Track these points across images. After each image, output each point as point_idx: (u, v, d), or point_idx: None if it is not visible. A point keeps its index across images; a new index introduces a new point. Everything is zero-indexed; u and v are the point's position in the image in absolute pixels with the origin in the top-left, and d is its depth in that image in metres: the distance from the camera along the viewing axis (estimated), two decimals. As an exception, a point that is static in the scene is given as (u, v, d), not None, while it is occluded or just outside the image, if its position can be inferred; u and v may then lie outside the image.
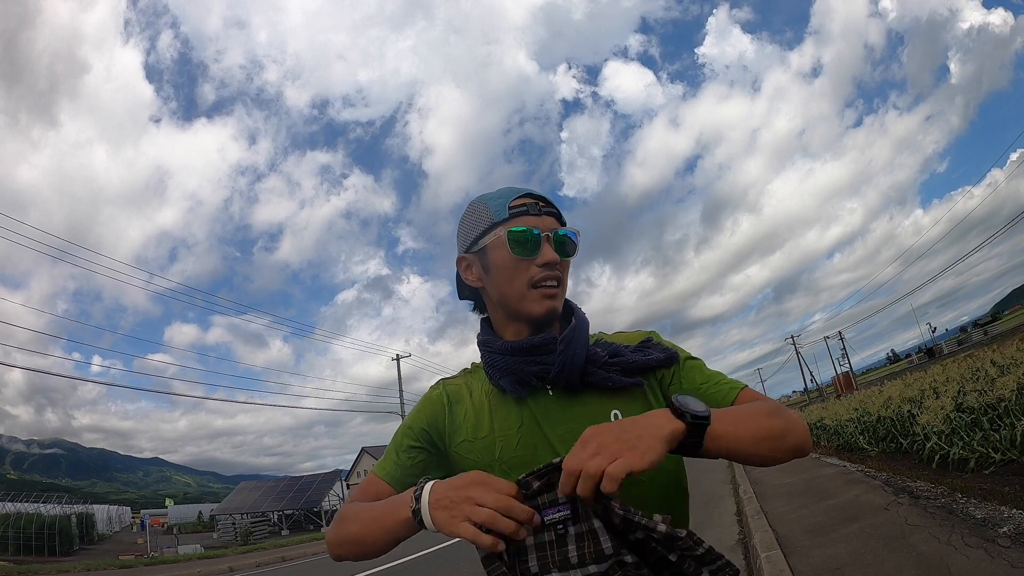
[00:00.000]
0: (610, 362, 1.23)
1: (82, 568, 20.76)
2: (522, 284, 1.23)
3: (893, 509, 5.79)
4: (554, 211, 1.29)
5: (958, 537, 4.33)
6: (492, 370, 1.28)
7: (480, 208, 1.30)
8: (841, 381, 54.09)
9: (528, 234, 1.22)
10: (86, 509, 36.53)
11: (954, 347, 59.40)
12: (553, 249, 1.23)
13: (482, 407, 1.28)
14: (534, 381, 1.23)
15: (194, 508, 58.69)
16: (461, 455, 1.25)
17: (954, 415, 7.71)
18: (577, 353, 1.21)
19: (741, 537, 7.31)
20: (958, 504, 5.38)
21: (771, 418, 1.06)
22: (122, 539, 37.11)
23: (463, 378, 1.37)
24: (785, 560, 4.96)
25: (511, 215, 1.24)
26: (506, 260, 1.24)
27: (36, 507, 32.15)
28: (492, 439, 1.23)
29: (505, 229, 1.23)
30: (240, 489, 46.04)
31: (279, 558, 19.62)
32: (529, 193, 1.28)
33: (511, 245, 1.22)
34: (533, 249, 1.22)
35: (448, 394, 1.33)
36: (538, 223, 1.24)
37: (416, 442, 1.30)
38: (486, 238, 1.27)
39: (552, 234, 1.24)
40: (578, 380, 1.21)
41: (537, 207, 1.26)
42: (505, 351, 1.25)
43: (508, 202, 1.26)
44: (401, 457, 1.29)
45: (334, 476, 45.13)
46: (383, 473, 1.28)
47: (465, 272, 1.35)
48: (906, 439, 9.55)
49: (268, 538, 32.76)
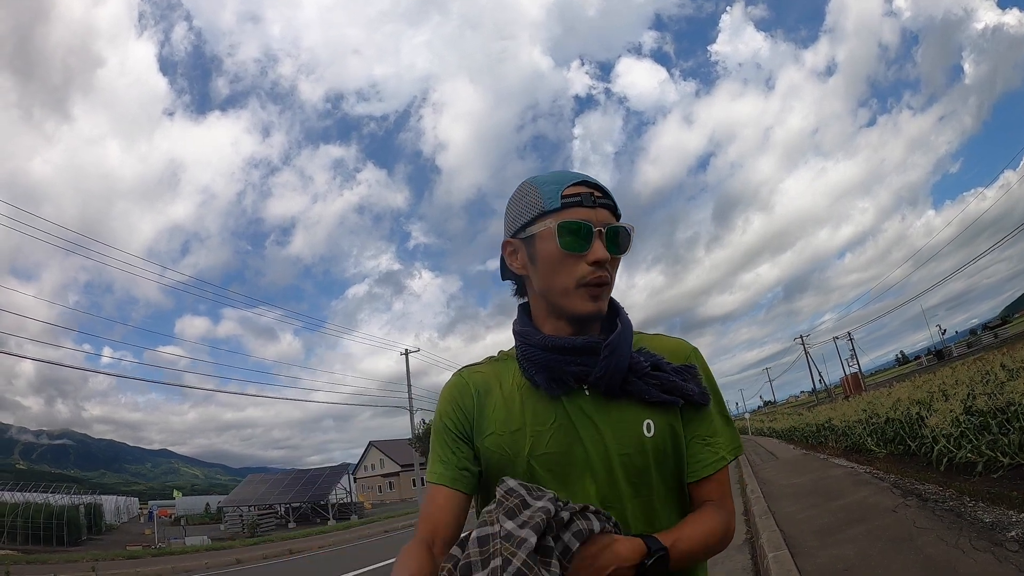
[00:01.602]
0: (651, 374, 1.19)
1: (90, 558, 20.86)
2: (569, 281, 1.17)
3: (901, 511, 5.80)
4: (610, 203, 1.20)
5: (966, 540, 4.34)
6: (527, 363, 1.23)
7: (530, 192, 1.22)
8: (850, 382, 53.79)
9: (580, 228, 1.15)
10: (94, 500, 36.61)
11: (964, 350, 58.94)
12: (605, 246, 1.16)
13: (513, 399, 1.23)
14: (571, 382, 1.19)
15: (202, 500, 58.87)
16: (489, 448, 1.20)
17: (963, 418, 7.71)
18: (621, 360, 1.17)
19: (748, 537, 7.33)
20: (966, 508, 5.39)
21: (714, 544, 1.17)
22: (130, 530, 37.28)
23: (490, 367, 1.31)
24: (792, 560, 4.98)
25: (563, 205, 1.16)
26: (554, 254, 1.17)
27: (44, 497, 32.23)
28: (523, 433, 1.18)
29: (556, 221, 1.16)
30: (248, 481, 46.21)
31: (286, 551, 19.70)
32: (584, 180, 1.20)
33: (561, 239, 1.15)
34: (584, 245, 1.15)
35: (475, 384, 1.27)
36: (591, 216, 1.16)
37: (454, 434, 1.25)
38: (535, 226, 1.19)
39: (605, 229, 1.17)
40: (619, 387, 1.18)
41: (592, 198, 1.18)
42: (545, 347, 1.20)
43: (561, 189, 1.18)
44: (447, 455, 1.24)
45: (342, 470, 45.17)
46: (435, 478, 1.22)
47: (510, 257, 1.28)
48: (914, 441, 9.53)
49: (275, 530, 32.87)
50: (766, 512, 7.76)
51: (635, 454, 1.17)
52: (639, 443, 1.17)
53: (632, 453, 1.16)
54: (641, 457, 1.17)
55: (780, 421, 37.04)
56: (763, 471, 14.16)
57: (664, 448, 1.19)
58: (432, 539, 1.14)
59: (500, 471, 1.18)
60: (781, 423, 34.64)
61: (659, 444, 1.18)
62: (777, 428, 33.95)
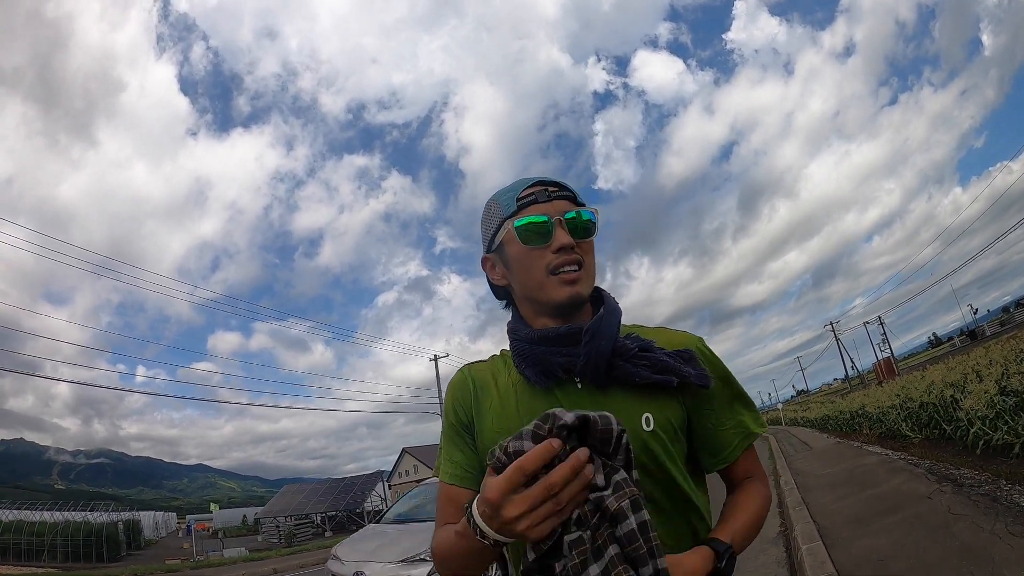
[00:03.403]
0: (638, 355, 1.18)
1: (129, 573, 21.27)
2: (540, 273, 1.21)
3: (936, 498, 5.70)
4: (567, 194, 1.26)
5: (1002, 526, 4.27)
6: (518, 359, 1.26)
7: (492, 206, 1.30)
8: (882, 367, 52.96)
9: (536, 222, 1.20)
10: (132, 516, 37.28)
11: (997, 328, 57.81)
12: (567, 232, 1.20)
13: (508, 397, 1.25)
14: (560, 373, 1.20)
15: (239, 512, 59.70)
16: (487, 446, 1.21)
17: (998, 399, 7.53)
18: (603, 344, 1.17)
19: (782, 529, 7.25)
20: (1002, 492, 5.29)
21: (762, 519, 1.25)
22: (168, 544, 37.87)
23: (490, 364, 1.35)
24: (826, 552, 4.93)
25: (519, 207, 1.23)
26: (520, 252, 1.22)
27: (83, 515, 32.84)
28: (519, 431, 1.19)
29: (512, 222, 1.22)
30: (284, 492, 46.70)
31: (323, 559, 19.82)
32: (539, 180, 1.26)
33: (520, 236, 1.21)
34: (544, 237, 1.20)
35: (474, 379, 1.31)
36: (547, 209, 1.21)
37: (460, 432, 1.28)
38: (500, 234, 1.26)
39: (562, 217, 1.21)
40: (604, 374, 1.18)
41: (546, 193, 1.23)
42: (531, 340, 1.23)
43: (517, 194, 1.24)
44: (454, 454, 1.27)
45: (376, 477, 45.54)
46: (444, 476, 1.27)
47: (491, 272, 1.34)
48: (950, 425, 9.34)
49: (311, 539, 33.20)
50: (800, 503, 7.69)
51: (635, 450, 1.12)
52: (637, 439, 1.13)
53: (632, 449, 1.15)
54: (641, 450, 1.14)
55: (813, 410, 36.50)
56: (796, 461, 14.01)
57: (664, 443, 1.17)
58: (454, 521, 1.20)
59: None
60: (814, 412, 34.13)
61: (658, 439, 1.17)
62: (810, 417, 33.47)
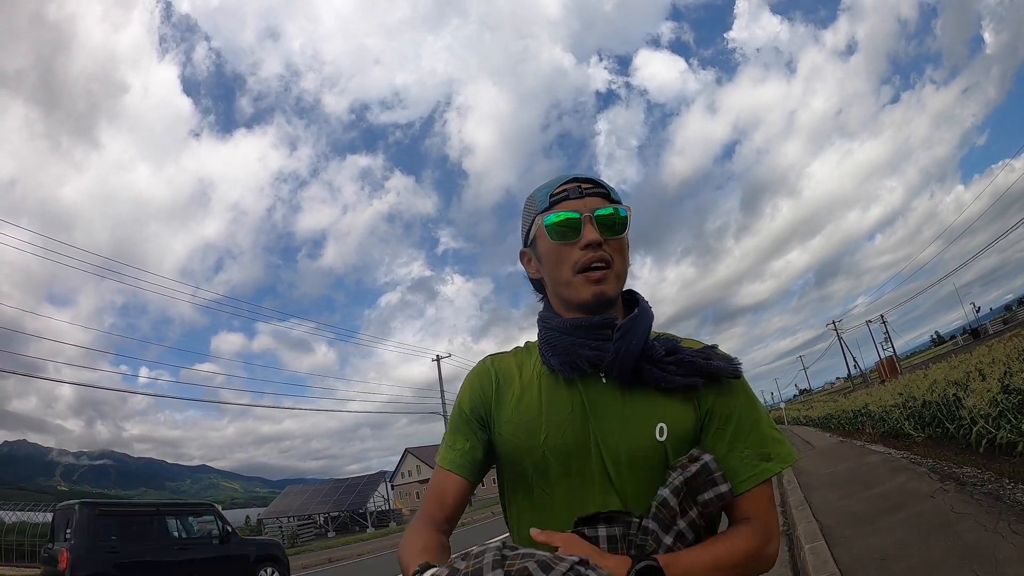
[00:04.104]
0: (666, 359, 1.17)
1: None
2: (567, 270, 1.21)
3: (939, 497, 5.70)
4: (601, 191, 1.25)
5: (1005, 524, 4.26)
6: (545, 347, 1.25)
7: (529, 201, 1.31)
8: (885, 366, 53.03)
9: (565, 219, 1.20)
10: (137, 517, 37.33)
11: (999, 326, 57.67)
12: (596, 230, 1.19)
13: (531, 387, 1.24)
14: (586, 366, 1.18)
15: (242, 513, 59.80)
16: (504, 436, 1.22)
17: (1001, 397, 7.51)
18: (634, 343, 1.16)
19: (785, 528, 7.24)
20: (1005, 490, 5.28)
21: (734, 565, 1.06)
22: (173, 545, 37.93)
23: (514, 356, 1.34)
24: (829, 551, 4.93)
25: (551, 203, 1.23)
26: (550, 248, 1.23)
27: (88, 517, 32.89)
28: (539, 423, 1.19)
29: (544, 218, 1.22)
30: (286, 493, 46.84)
31: (326, 559, 19.93)
32: (575, 177, 1.26)
33: (549, 232, 1.21)
34: (574, 233, 1.19)
35: (497, 370, 1.30)
36: (579, 206, 1.21)
37: (469, 422, 1.28)
38: (533, 229, 1.27)
39: (592, 214, 1.20)
40: (631, 373, 1.17)
41: (579, 190, 1.23)
42: (563, 328, 1.22)
43: (551, 190, 1.25)
44: (457, 441, 1.27)
45: (379, 477, 45.61)
46: (444, 461, 1.27)
47: (527, 266, 1.35)
48: (952, 423, 9.33)
49: (314, 540, 33.25)
50: (802, 502, 7.68)
51: (645, 457, 1.14)
52: (648, 446, 1.14)
53: (642, 456, 1.14)
54: (653, 459, 1.14)
55: (816, 409, 36.50)
56: (800, 460, 14.00)
57: (675, 453, 1.14)
58: (436, 518, 1.22)
59: (516, 459, 1.21)
60: (817, 411, 34.14)
61: (670, 449, 1.14)
62: (813, 416, 33.48)
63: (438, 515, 1.23)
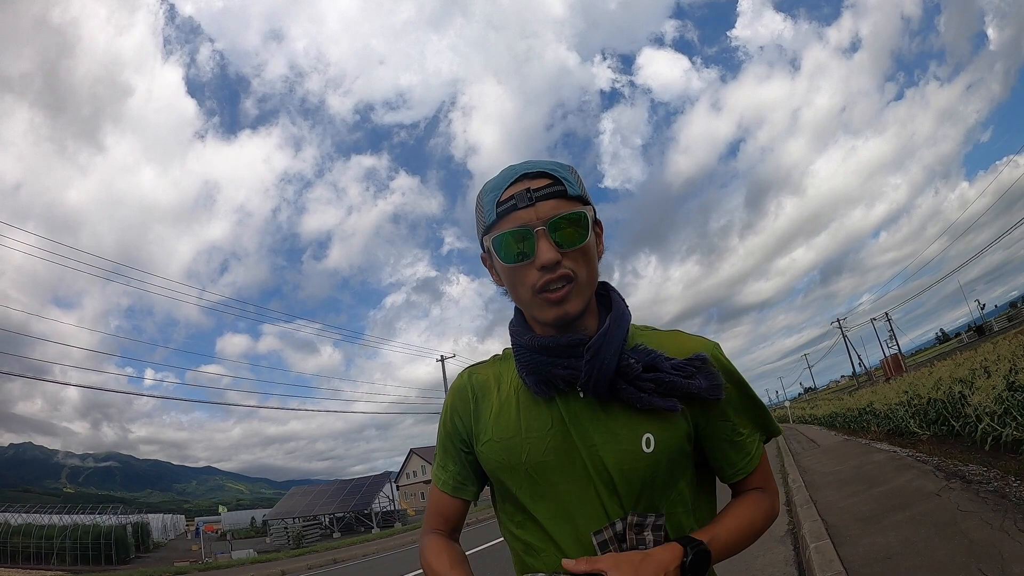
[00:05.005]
0: (643, 376, 1.09)
1: (138, 575, 21.37)
2: (525, 291, 1.09)
3: (944, 495, 5.67)
4: (556, 188, 1.08)
5: (1011, 522, 4.24)
6: (519, 364, 1.17)
7: (477, 206, 1.17)
8: (890, 364, 52.79)
9: (515, 236, 1.06)
10: (141, 519, 37.32)
11: (1005, 323, 57.53)
12: (552, 246, 1.05)
13: (509, 404, 1.18)
14: (561, 384, 1.12)
15: (247, 514, 59.85)
16: (486, 455, 1.18)
17: (1006, 394, 7.48)
18: (606, 363, 1.07)
19: (790, 527, 7.22)
20: (1011, 488, 5.25)
21: (757, 530, 1.19)
22: (177, 546, 37.99)
23: (492, 367, 1.26)
24: (835, 550, 4.91)
25: (499, 215, 1.08)
26: (503, 269, 1.11)
27: (92, 518, 32.91)
28: (519, 440, 1.13)
29: (492, 236, 1.09)
30: (292, 494, 46.79)
31: (331, 560, 19.91)
32: (524, 174, 1.09)
33: (501, 254, 1.08)
34: (527, 253, 1.06)
35: (474, 386, 1.24)
36: (529, 217, 1.05)
37: (455, 442, 1.24)
38: (485, 240, 1.14)
39: (547, 226, 1.05)
40: (607, 391, 1.09)
41: (528, 195, 1.06)
42: (531, 348, 1.13)
43: (499, 195, 1.09)
44: (448, 463, 1.26)
45: (384, 478, 45.54)
46: (439, 483, 1.27)
47: (491, 272, 1.22)
48: (958, 421, 9.29)
49: (319, 541, 33.26)
50: (808, 501, 7.66)
51: (634, 470, 1.09)
52: (636, 460, 1.09)
53: (630, 469, 1.09)
54: (644, 471, 1.09)
55: (821, 407, 36.38)
56: (804, 459, 13.96)
57: (667, 465, 1.11)
58: (443, 530, 1.29)
59: (500, 478, 1.19)
60: (822, 409, 34.03)
61: (660, 460, 1.10)
62: (818, 415, 33.37)
63: (444, 528, 1.29)
